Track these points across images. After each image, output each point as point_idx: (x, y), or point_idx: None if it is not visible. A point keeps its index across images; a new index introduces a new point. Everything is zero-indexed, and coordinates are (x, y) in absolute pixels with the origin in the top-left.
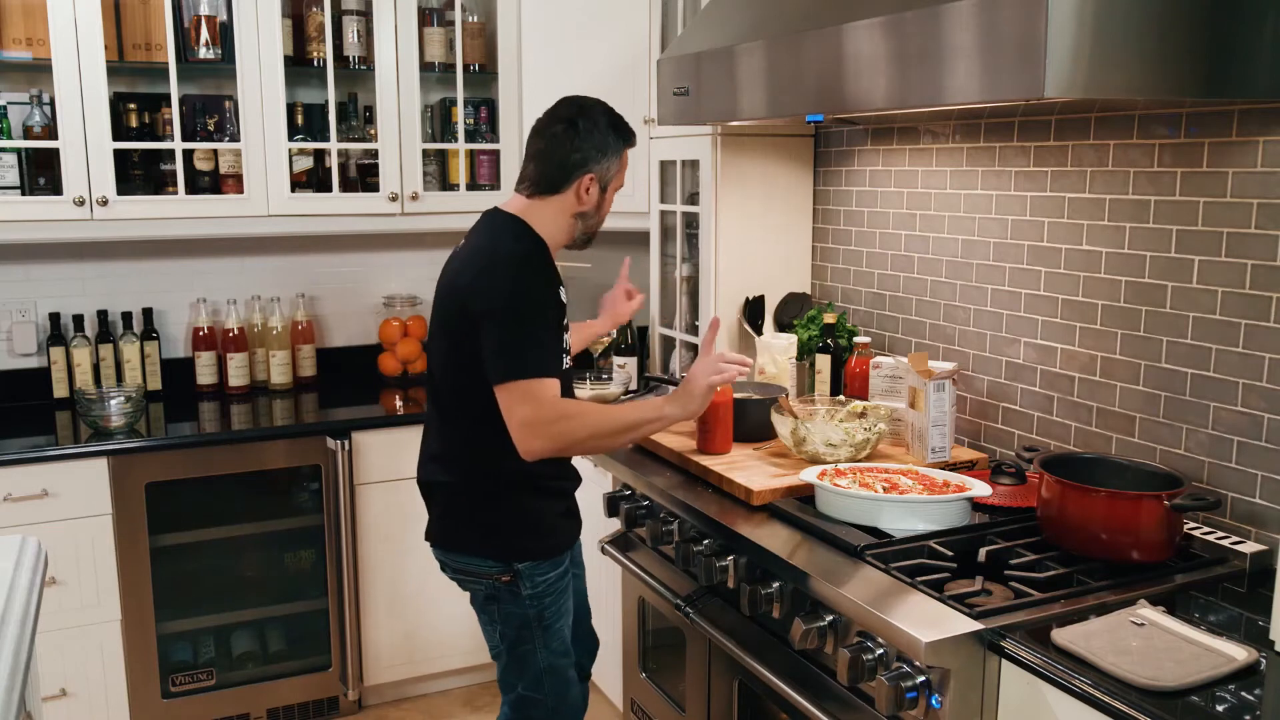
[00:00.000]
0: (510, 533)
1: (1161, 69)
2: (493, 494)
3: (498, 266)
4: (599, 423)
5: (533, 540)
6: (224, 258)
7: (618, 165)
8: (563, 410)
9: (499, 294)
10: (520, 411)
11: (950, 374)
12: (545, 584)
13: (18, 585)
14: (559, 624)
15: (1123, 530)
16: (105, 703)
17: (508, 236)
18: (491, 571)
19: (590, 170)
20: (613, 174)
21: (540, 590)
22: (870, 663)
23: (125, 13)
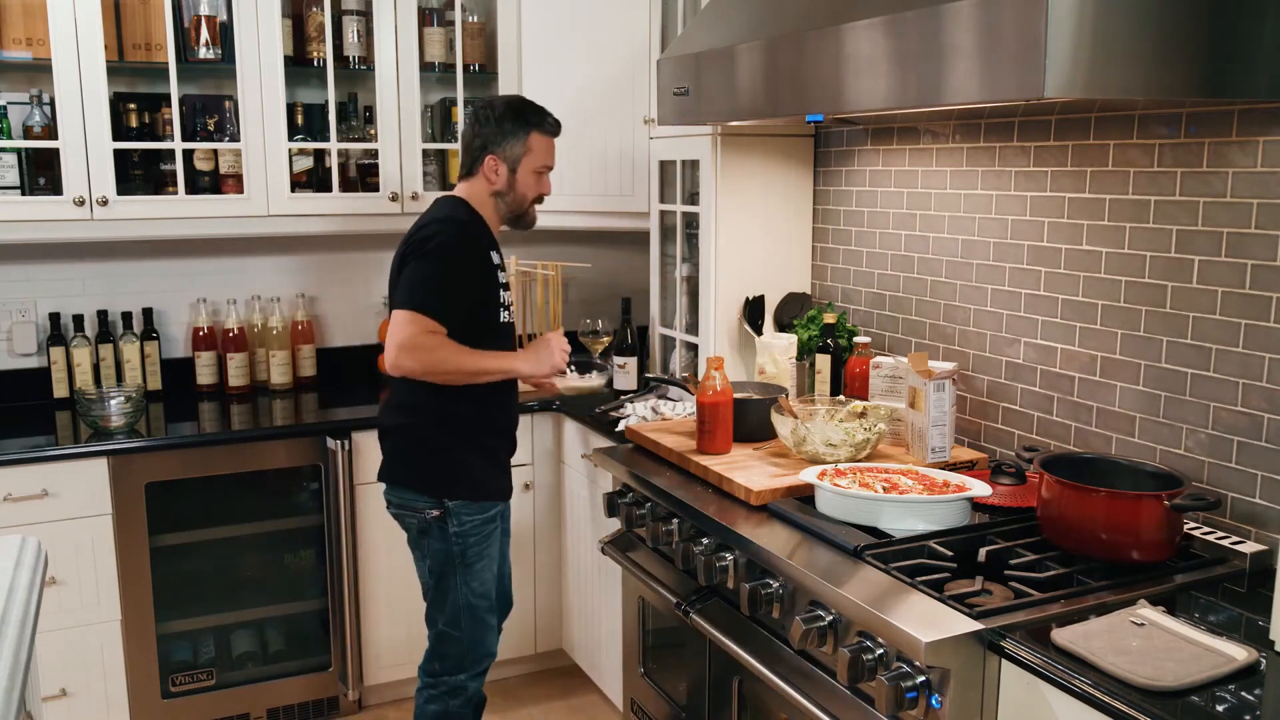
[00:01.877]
0: (445, 473)
1: (1161, 69)
2: (436, 440)
3: (426, 225)
4: (462, 361)
5: (463, 483)
6: (224, 258)
7: (523, 147)
8: (437, 342)
9: (419, 243)
10: (400, 334)
11: (950, 374)
12: (471, 524)
13: (18, 585)
14: (479, 565)
15: (1123, 530)
16: (105, 703)
17: (445, 205)
18: (424, 506)
19: (490, 152)
20: (521, 156)
21: (466, 529)
22: (870, 663)
23: (125, 13)
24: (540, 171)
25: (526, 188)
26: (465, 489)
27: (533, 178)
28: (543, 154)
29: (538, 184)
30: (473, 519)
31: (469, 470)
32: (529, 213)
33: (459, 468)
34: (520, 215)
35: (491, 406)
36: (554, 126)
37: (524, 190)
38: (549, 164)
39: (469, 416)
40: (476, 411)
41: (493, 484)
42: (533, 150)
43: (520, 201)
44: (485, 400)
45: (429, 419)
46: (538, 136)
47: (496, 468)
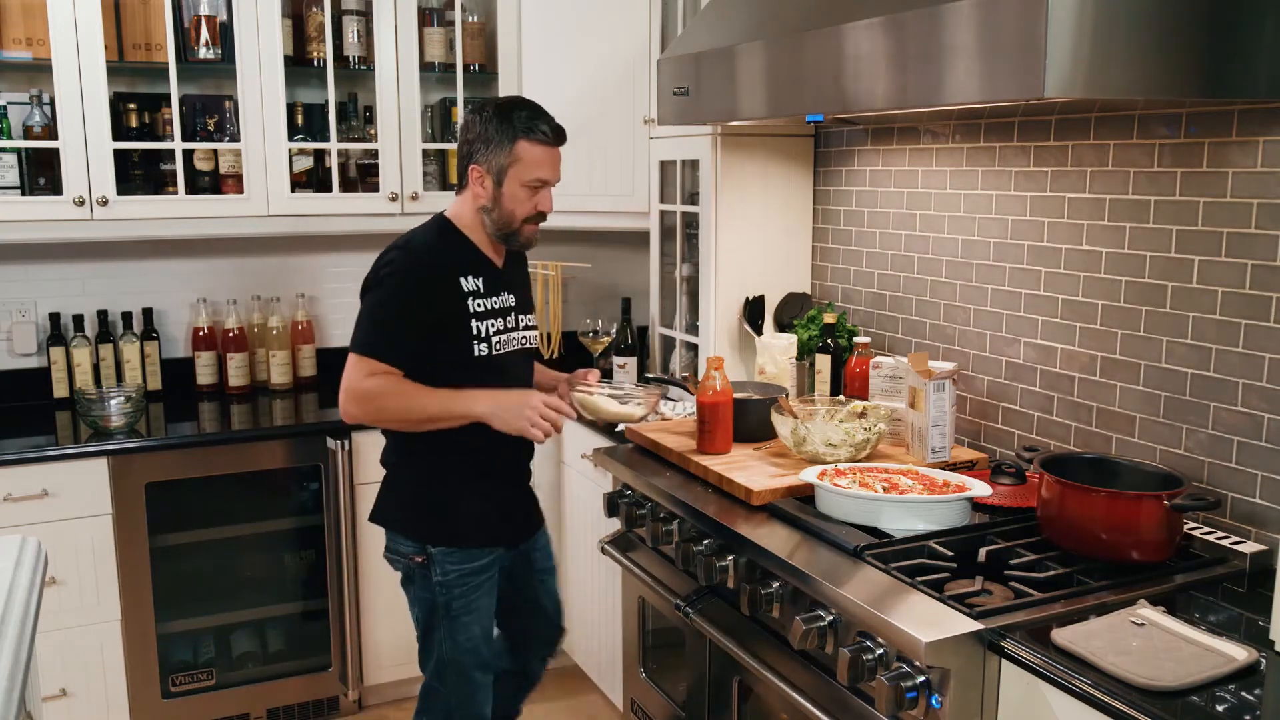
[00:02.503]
0: (425, 515)
1: (1161, 69)
2: (417, 478)
3: (386, 252)
4: (409, 405)
5: (442, 527)
6: (224, 258)
7: (509, 157)
8: (382, 387)
9: (373, 274)
10: (346, 379)
11: (950, 374)
12: (456, 574)
13: (18, 585)
14: (467, 619)
15: (1123, 530)
16: (105, 703)
17: (419, 228)
18: (408, 551)
19: (475, 162)
20: (508, 166)
21: (450, 579)
22: (870, 663)
23: (125, 13)
24: (532, 185)
25: (515, 203)
26: (447, 535)
27: (523, 192)
28: (533, 165)
29: (530, 199)
30: (457, 568)
31: (453, 514)
32: (520, 231)
33: (442, 510)
34: (509, 234)
35: (480, 441)
36: (548, 135)
37: (511, 206)
38: (543, 177)
39: (452, 453)
40: (461, 448)
41: (482, 530)
42: (521, 160)
43: (507, 220)
44: (472, 435)
45: (411, 455)
46: (526, 145)
47: (490, 511)
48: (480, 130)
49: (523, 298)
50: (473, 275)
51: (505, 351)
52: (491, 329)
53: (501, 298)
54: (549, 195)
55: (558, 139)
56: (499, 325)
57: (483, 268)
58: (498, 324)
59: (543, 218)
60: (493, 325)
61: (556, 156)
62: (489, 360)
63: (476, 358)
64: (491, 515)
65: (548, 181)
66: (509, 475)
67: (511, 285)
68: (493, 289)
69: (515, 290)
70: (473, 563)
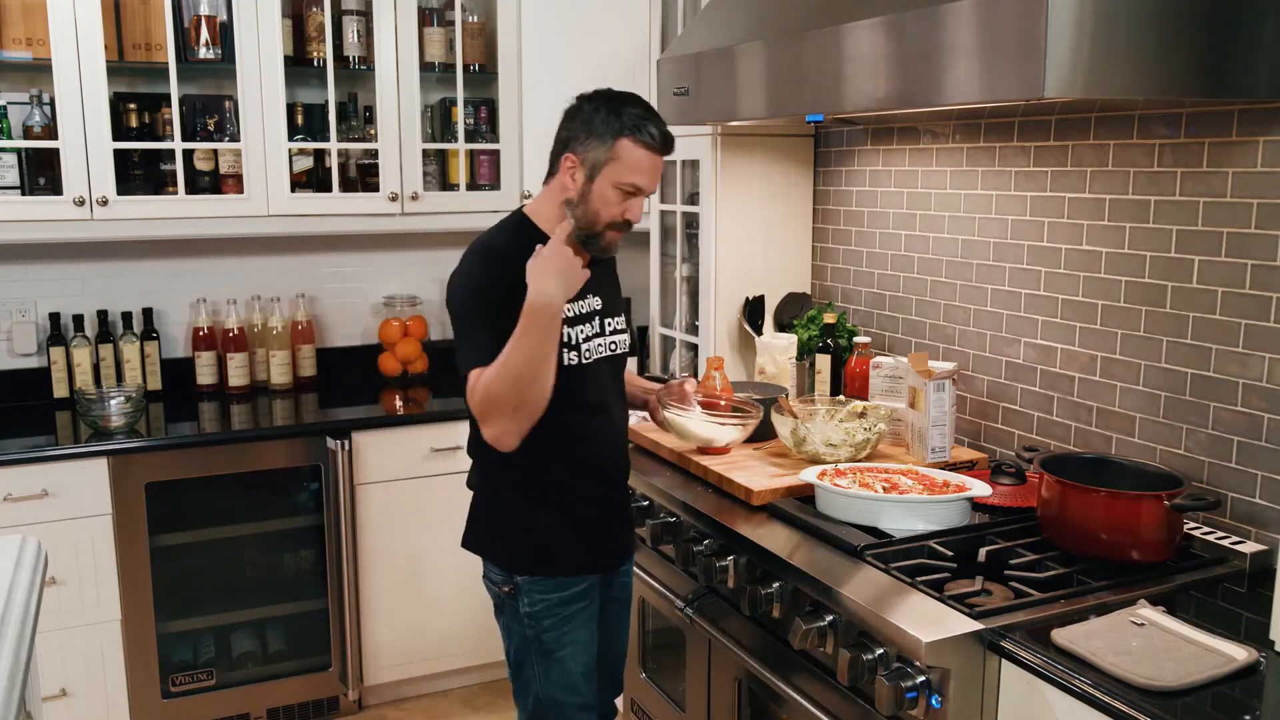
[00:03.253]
0: (510, 542)
1: (1161, 69)
2: (502, 500)
3: (460, 260)
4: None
5: (530, 554)
6: (224, 258)
7: (609, 153)
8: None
9: (451, 288)
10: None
11: (950, 374)
12: (545, 605)
13: (18, 585)
14: (561, 654)
15: (1123, 530)
16: (105, 703)
17: (494, 228)
18: (497, 579)
19: (571, 150)
20: (604, 163)
21: (539, 610)
22: (870, 663)
23: (125, 13)
24: (625, 189)
25: (602, 204)
26: (532, 562)
27: (613, 194)
28: (631, 168)
29: (620, 204)
30: (546, 598)
31: (539, 538)
32: (603, 236)
33: (527, 534)
34: (590, 236)
35: (564, 457)
36: (654, 139)
37: (597, 206)
38: (639, 183)
39: (538, 475)
40: (545, 463)
41: (573, 556)
42: (619, 160)
43: (591, 220)
44: (557, 450)
45: (494, 477)
46: (629, 144)
47: (583, 536)
48: (586, 118)
49: (610, 300)
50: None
51: (594, 359)
52: (581, 335)
53: (587, 301)
54: (640, 204)
55: (665, 146)
56: (588, 330)
57: None
58: (586, 329)
59: (628, 227)
60: (582, 331)
61: (658, 165)
62: (580, 369)
63: (565, 367)
64: (581, 539)
65: (642, 189)
66: (599, 497)
67: (598, 287)
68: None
69: (602, 292)
70: (563, 591)
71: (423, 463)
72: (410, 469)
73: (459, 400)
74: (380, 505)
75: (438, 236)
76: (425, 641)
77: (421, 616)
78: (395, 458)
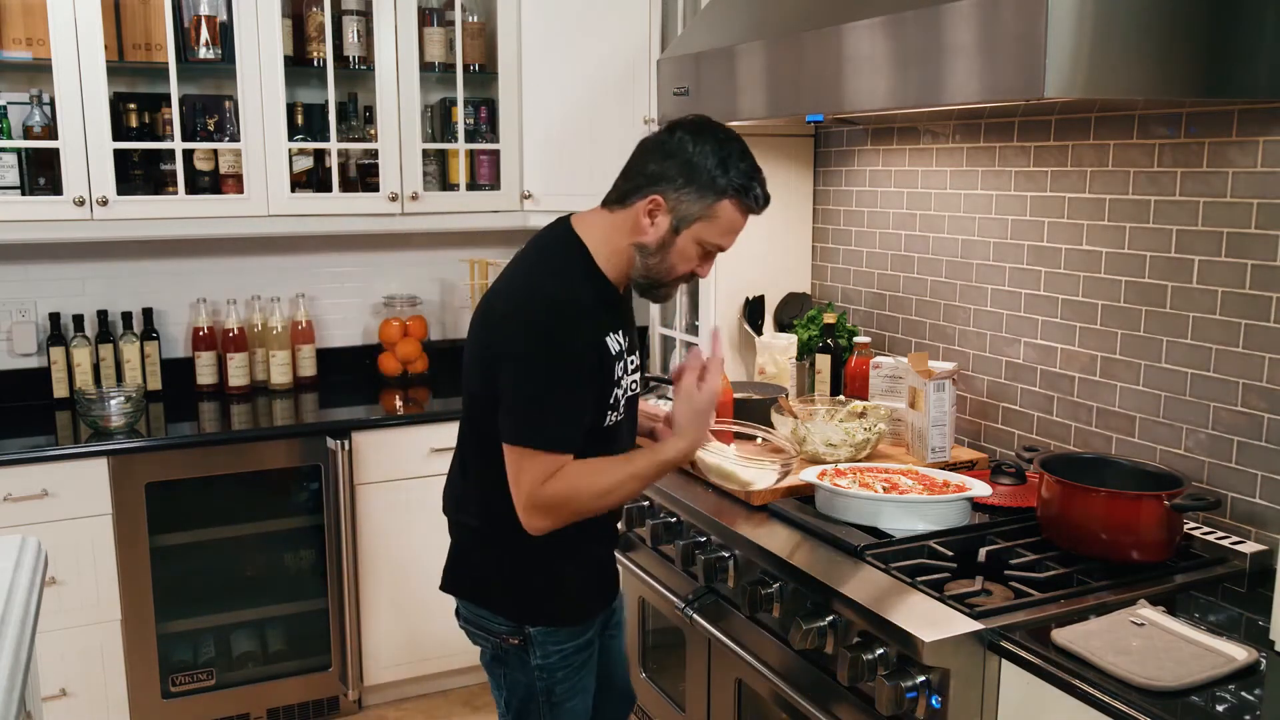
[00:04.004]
0: (528, 590)
1: (1161, 69)
2: (514, 544)
3: (533, 300)
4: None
5: (552, 604)
6: (224, 258)
7: (703, 210)
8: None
9: (523, 336)
10: (525, 482)
11: (950, 374)
12: (559, 655)
13: (18, 585)
14: (571, 704)
15: (1123, 530)
16: (105, 703)
17: (556, 259)
18: (500, 630)
19: (659, 190)
20: (694, 217)
21: (553, 662)
22: (870, 662)
23: (125, 13)
24: (709, 249)
25: (681, 259)
26: (554, 612)
27: (695, 250)
28: (725, 230)
29: (699, 261)
30: (560, 648)
31: (560, 585)
32: (668, 288)
33: (545, 583)
34: (655, 286)
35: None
36: (758, 203)
37: (675, 261)
38: (724, 246)
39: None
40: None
41: (594, 598)
42: (716, 220)
43: (665, 272)
44: None
45: (499, 518)
46: (731, 206)
47: (601, 577)
48: (688, 161)
49: (633, 336)
50: (614, 332)
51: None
52: (624, 395)
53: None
54: (713, 263)
55: (762, 209)
56: (626, 384)
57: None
58: (625, 382)
59: (691, 280)
60: (625, 390)
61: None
62: (616, 429)
63: (607, 428)
64: (594, 584)
65: (723, 249)
66: (606, 535)
67: (628, 324)
68: (621, 352)
69: (630, 329)
70: (577, 640)
71: (423, 463)
72: (410, 469)
73: (459, 400)
74: (380, 505)
75: (438, 236)
76: (425, 641)
77: (422, 616)
78: (395, 458)
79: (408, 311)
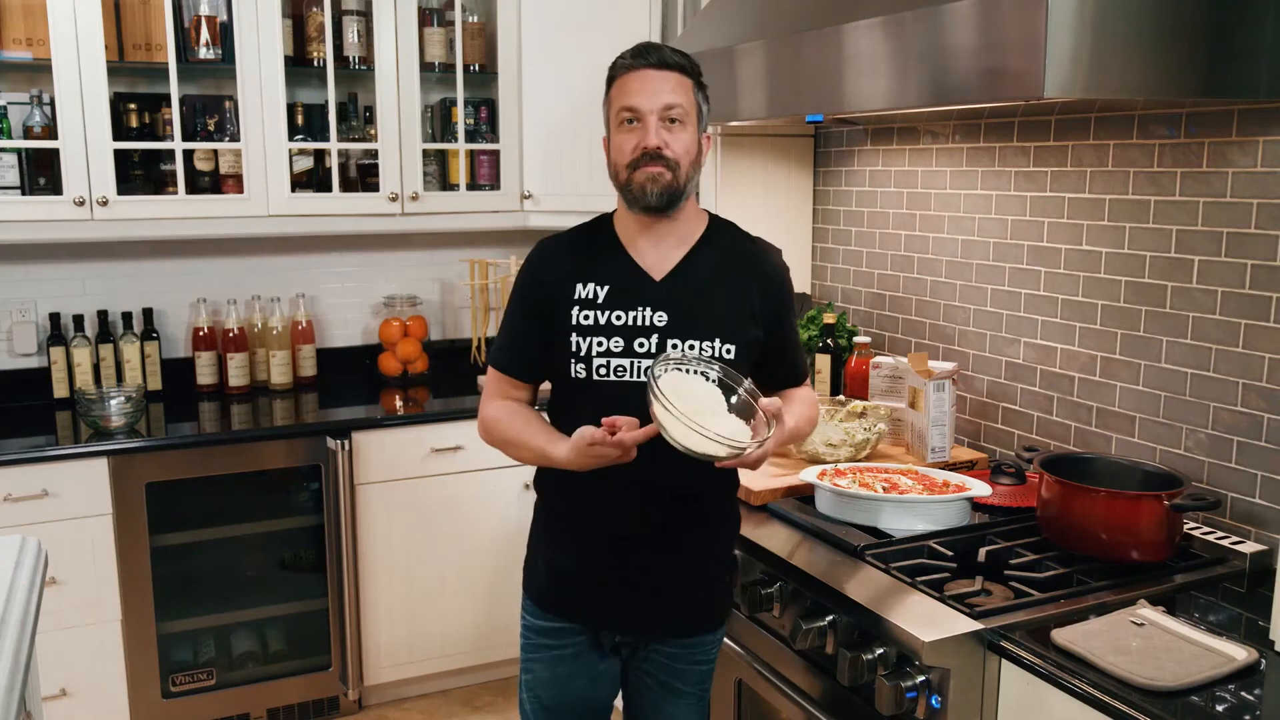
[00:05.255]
0: (529, 551)
1: (1161, 69)
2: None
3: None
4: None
5: (527, 571)
6: (224, 258)
7: (607, 101)
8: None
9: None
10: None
11: (950, 374)
12: (524, 626)
13: (18, 585)
14: (527, 677)
15: (1123, 530)
16: (105, 703)
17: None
18: None
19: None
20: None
21: (521, 627)
22: (870, 662)
23: (125, 13)
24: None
25: (617, 152)
26: (530, 585)
27: (620, 135)
28: (620, 94)
29: (627, 139)
30: (525, 619)
31: (535, 566)
32: (631, 180)
33: (531, 550)
34: (624, 190)
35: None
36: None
37: (615, 158)
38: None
39: (551, 490)
40: (555, 495)
41: (558, 595)
42: (612, 99)
43: (615, 175)
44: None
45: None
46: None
47: (569, 583)
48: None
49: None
50: (591, 282)
51: (614, 379)
52: (592, 347)
53: (637, 313)
54: (648, 126)
55: (638, 57)
56: (614, 346)
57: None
58: (608, 344)
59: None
60: (593, 343)
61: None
62: (599, 386)
63: (577, 380)
64: (559, 582)
65: (638, 110)
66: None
67: (667, 301)
68: (623, 301)
69: (672, 308)
70: (538, 620)
71: (423, 463)
72: (410, 469)
73: (459, 400)
74: (380, 505)
75: (438, 236)
76: (425, 641)
77: (421, 616)
78: (395, 458)
79: (408, 311)
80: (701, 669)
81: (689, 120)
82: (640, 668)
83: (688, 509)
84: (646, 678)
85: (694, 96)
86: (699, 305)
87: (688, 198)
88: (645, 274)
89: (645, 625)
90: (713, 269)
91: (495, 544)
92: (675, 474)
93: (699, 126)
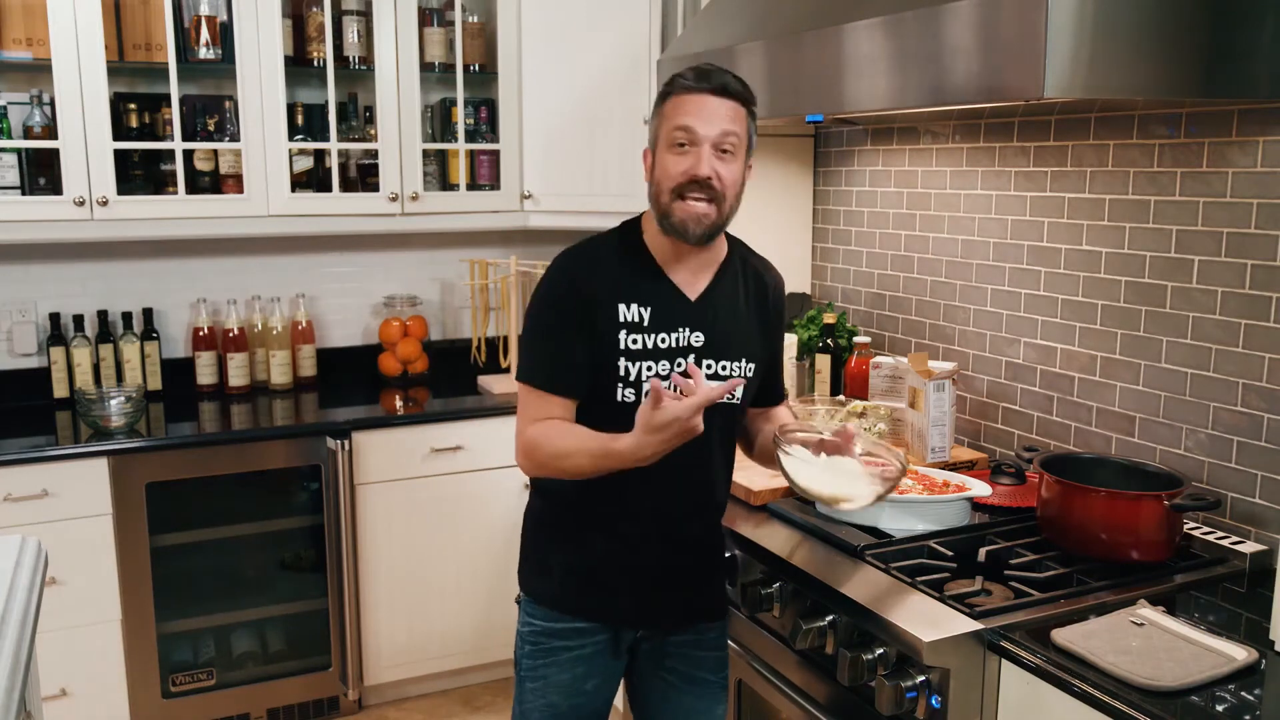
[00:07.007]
0: (528, 558)
1: (1161, 69)
2: (532, 509)
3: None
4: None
5: (538, 579)
6: (224, 258)
7: (658, 120)
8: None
9: (537, 288)
10: (520, 419)
11: (950, 374)
12: (531, 630)
13: (18, 585)
14: (533, 685)
15: (1123, 530)
16: (105, 703)
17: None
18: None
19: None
20: (657, 130)
21: (525, 631)
22: (870, 662)
23: (125, 13)
24: (675, 140)
25: (662, 172)
26: (537, 589)
27: (669, 155)
28: (672, 113)
29: (676, 161)
30: (533, 623)
31: (536, 559)
32: (672, 211)
33: (531, 553)
34: (663, 215)
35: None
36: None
37: (659, 177)
38: (682, 124)
39: (559, 490)
40: (571, 494)
41: (574, 595)
42: (665, 116)
43: (655, 194)
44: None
45: (533, 484)
46: (673, 96)
47: (588, 581)
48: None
49: (716, 338)
50: (635, 303)
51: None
52: (640, 371)
53: (678, 334)
54: (700, 155)
55: (700, 80)
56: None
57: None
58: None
59: (699, 189)
60: (641, 368)
61: (707, 105)
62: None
63: (622, 404)
64: (577, 581)
65: (694, 132)
66: (625, 529)
67: (702, 322)
68: (665, 323)
69: (707, 329)
70: (552, 623)
71: (423, 463)
72: (410, 469)
73: (459, 400)
74: (380, 505)
75: (438, 236)
76: (425, 641)
77: (421, 616)
78: (395, 458)
79: (408, 311)
80: (720, 654)
81: (740, 151)
82: (656, 672)
83: (702, 500)
84: (669, 675)
85: (747, 126)
86: (730, 326)
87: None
88: (683, 294)
89: (670, 618)
90: (736, 290)
91: (495, 544)
92: (693, 468)
93: (747, 157)
